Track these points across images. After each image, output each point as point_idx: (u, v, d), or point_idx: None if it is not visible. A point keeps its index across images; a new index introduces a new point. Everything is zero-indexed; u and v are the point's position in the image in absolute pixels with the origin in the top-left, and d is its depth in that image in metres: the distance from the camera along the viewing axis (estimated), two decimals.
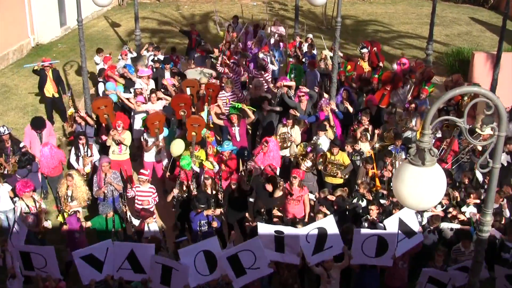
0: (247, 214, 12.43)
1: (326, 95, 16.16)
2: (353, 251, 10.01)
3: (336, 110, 14.79)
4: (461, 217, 11.57)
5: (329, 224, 9.91)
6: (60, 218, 11.88)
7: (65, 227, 11.38)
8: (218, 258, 9.51)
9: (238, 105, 14.19)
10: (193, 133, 13.31)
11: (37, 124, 13.99)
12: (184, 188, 12.25)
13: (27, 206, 11.59)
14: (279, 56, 19.21)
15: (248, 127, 14.86)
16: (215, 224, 11.34)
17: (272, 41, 19.88)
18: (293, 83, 15.79)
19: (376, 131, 14.08)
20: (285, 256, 10.04)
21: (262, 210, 11.65)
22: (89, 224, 11.53)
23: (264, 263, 9.66)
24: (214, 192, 12.04)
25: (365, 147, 13.70)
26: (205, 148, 13.60)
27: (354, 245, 9.95)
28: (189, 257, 9.35)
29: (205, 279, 9.59)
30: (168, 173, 13.14)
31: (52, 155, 13.33)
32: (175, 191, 12.12)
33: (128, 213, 11.49)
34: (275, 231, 9.81)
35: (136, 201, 12.25)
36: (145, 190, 12.30)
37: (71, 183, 12.06)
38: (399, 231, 10.16)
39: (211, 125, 14.83)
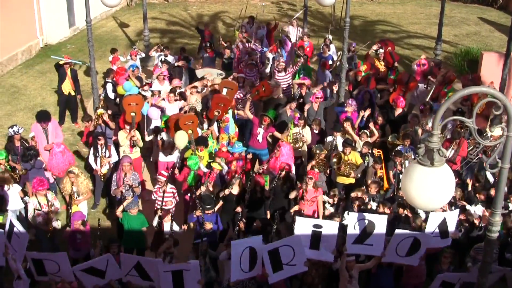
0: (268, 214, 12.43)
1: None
2: (388, 250, 9.96)
3: (364, 118, 14.89)
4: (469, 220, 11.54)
5: (381, 222, 9.82)
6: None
7: (68, 229, 11.49)
8: (258, 251, 9.52)
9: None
10: (189, 131, 13.36)
11: (42, 116, 13.98)
12: (211, 188, 12.21)
13: (39, 203, 11.64)
14: (285, 56, 19.23)
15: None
16: (209, 226, 11.24)
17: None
18: (308, 81, 15.94)
19: (370, 124, 14.17)
20: (319, 253, 10.02)
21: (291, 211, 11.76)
22: (121, 215, 11.56)
23: (301, 260, 9.69)
24: (238, 192, 12.11)
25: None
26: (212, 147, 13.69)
27: (390, 245, 9.89)
28: (239, 250, 9.38)
29: (245, 275, 9.61)
30: (176, 172, 13.07)
31: (63, 158, 13.30)
32: (203, 189, 12.02)
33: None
34: (313, 225, 9.80)
35: (157, 202, 12.14)
36: (167, 191, 12.20)
37: (74, 179, 12.09)
38: (438, 227, 10.17)
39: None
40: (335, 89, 15.78)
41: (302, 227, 9.83)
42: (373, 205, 12.04)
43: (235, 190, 12.15)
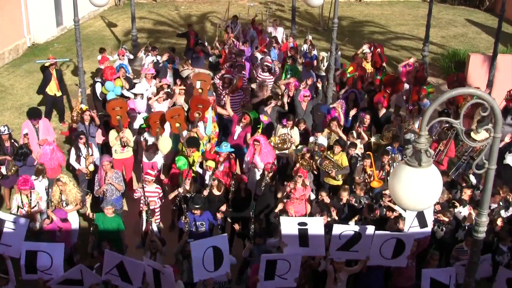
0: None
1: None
2: (372, 253, 9.95)
3: (350, 118, 14.97)
4: (442, 217, 11.55)
5: (367, 232, 9.79)
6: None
7: (47, 221, 11.31)
8: (224, 251, 9.53)
9: (260, 127, 14.22)
10: (177, 125, 13.38)
11: (33, 114, 13.94)
12: (188, 187, 12.11)
13: (22, 202, 11.63)
14: (274, 56, 19.24)
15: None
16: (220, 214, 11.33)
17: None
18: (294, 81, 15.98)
19: (360, 129, 14.18)
20: (310, 250, 10.00)
21: (276, 210, 11.77)
22: (91, 215, 11.47)
23: (293, 276, 9.68)
24: (219, 192, 12.06)
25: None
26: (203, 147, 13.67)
27: (373, 248, 9.88)
28: (199, 251, 9.37)
29: (209, 274, 9.59)
30: (163, 176, 12.95)
31: (52, 156, 13.25)
32: (180, 190, 11.89)
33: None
34: (299, 223, 9.80)
35: (142, 202, 12.08)
36: (152, 191, 12.17)
37: (62, 187, 11.99)
38: (415, 217, 10.19)
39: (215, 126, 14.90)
40: (319, 85, 15.80)
41: (288, 226, 9.84)
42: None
43: (216, 191, 12.12)
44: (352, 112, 14.95)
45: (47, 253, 9.53)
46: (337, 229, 9.78)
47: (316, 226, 9.85)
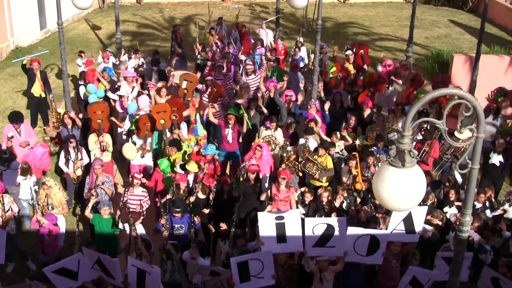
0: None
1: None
2: (347, 249, 9.99)
3: (327, 113, 14.96)
4: (436, 221, 11.59)
5: (340, 225, 9.80)
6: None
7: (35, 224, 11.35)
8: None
9: (242, 113, 14.22)
10: (162, 121, 13.44)
11: (15, 117, 13.88)
12: (181, 191, 12.08)
13: None
14: (258, 58, 19.24)
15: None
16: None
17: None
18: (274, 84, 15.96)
19: (343, 132, 14.28)
20: (288, 246, 10.05)
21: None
22: (90, 215, 11.47)
23: (269, 273, 9.73)
24: (204, 196, 12.02)
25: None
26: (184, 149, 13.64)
27: (347, 243, 9.91)
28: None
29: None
30: (144, 179, 12.87)
31: (41, 159, 13.23)
32: (170, 195, 11.89)
33: (118, 220, 11.53)
34: (276, 218, 9.84)
35: (128, 205, 12.05)
36: (138, 194, 12.15)
37: (48, 191, 11.92)
38: (402, 222, 10.18)
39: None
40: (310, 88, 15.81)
41: (266, 222, 9.91)
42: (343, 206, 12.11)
43: (200, 194, 12.09)
44: (327, 106, 15.01)
45: None
46: (309, 222, 9.81)
47: (292, 218, 9.90)
